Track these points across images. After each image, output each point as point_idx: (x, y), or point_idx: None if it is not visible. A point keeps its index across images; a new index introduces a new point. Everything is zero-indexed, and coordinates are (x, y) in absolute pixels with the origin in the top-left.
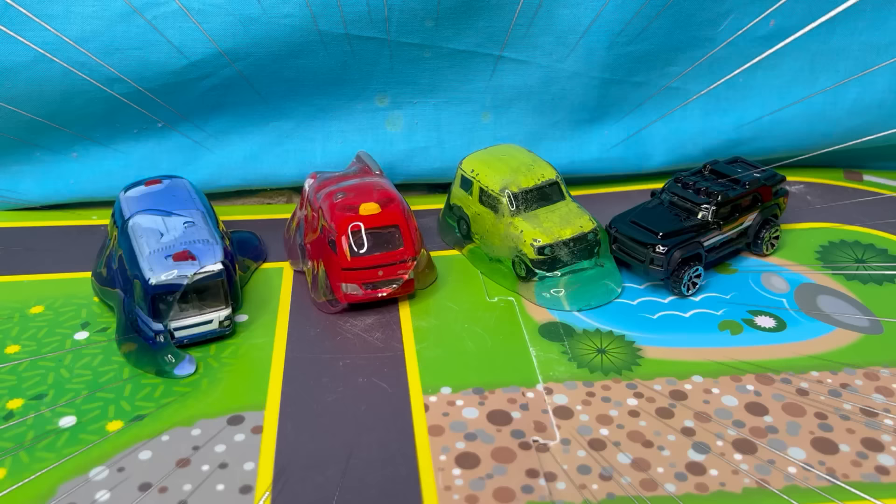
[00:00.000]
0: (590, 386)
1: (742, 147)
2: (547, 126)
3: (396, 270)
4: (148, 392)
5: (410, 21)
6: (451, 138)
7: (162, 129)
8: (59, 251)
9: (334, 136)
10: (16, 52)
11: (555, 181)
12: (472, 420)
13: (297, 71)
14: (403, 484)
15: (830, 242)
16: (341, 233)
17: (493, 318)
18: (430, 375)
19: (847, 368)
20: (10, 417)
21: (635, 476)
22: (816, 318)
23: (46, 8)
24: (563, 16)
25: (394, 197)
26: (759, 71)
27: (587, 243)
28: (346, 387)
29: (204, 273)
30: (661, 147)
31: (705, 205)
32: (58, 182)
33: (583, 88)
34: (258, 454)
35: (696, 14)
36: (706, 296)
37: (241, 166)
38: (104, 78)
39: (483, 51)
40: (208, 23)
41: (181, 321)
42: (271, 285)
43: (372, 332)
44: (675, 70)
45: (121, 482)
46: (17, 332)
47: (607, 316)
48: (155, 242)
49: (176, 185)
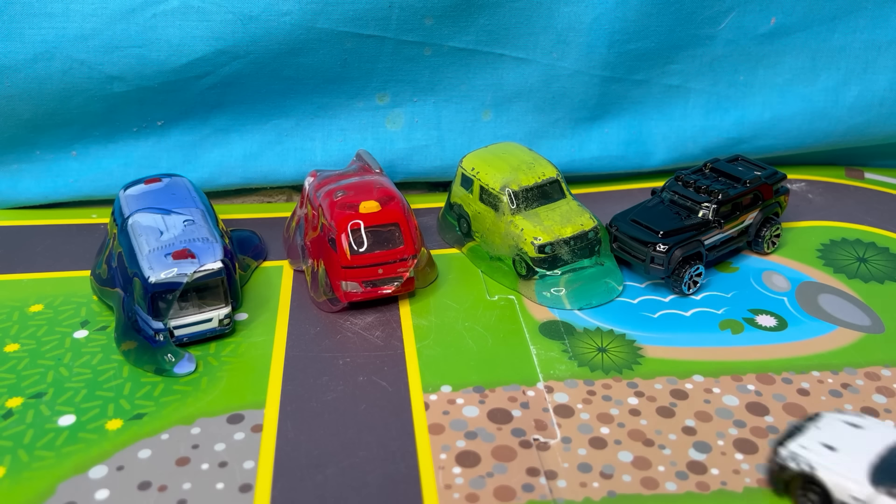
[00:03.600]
0: (590, 385)
1: (743, 145)
2: (547, 124)
3: (396, 269)
4: (147, 390)
5: (410, 19)
6: (452, 136)
7: (162, 127)
8: (58, 249)
9: (334, 134)
10: (15, 50)
11: (555, 179)
12: (472, 418)
13: (296, 69)
14: (403, 482)
15: (832, 241)
16: (341, 231)
17: (493, 317)
18: (430, 374)
19: (848, 368)
20: (10, 416)
21: (636, 474)
22: (818, 317)
23: (46, 6)
24: (563, 13)
25: (394, 195)
26: (760, 69)
27: (588, 242)
28: (346, 385)
29: (204, 271)
30: (661, 145)
31: (706, 203)
32: (57, 180)
33: (583, 86)
34: (258, 453)
35: (697, 12)
36: (707, 294)
37: (240, 165)
38: (104, 76)
39: (483, 49)
40: (208, 21)
41: (181, 319)
42: (271, 284)
43: (372, 330)
44: (676, 68)
45: (120, 481)
46: (17, 330)
47: (608, 315)
48: (155, 241)
49: (176, 183)
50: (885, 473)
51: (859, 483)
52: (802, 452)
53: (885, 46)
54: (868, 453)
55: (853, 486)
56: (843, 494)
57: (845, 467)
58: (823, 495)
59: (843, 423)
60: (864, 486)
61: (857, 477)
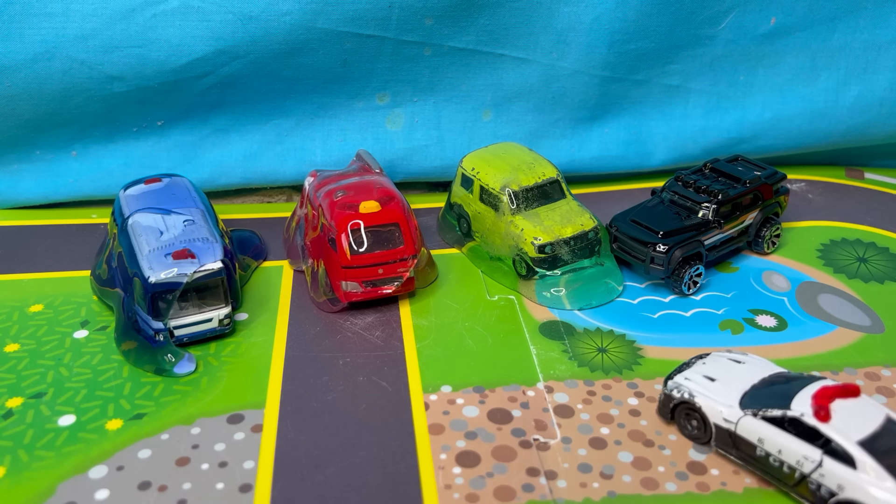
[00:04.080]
0: (590, 385)
1: (743, 145)
2: (547, 124)
3: (396, 269)
4: (147, 390)
5: (410, 19)
6: (452, 136)
7: (162, 127)
8: (58, 250)
9: (334, 134)
10: (15, 50)
11: (555, 179)
12: (472, 418)
13: (296, 69)
14: (403, 483)
15: (832, 241)
16: (341, 231)
17: (493, 317)
18: (430, 374)
19: (848, 368)
20: (10, 416)
21: (636, 475)
22: (818, 318)
23: (46, 6)
24: (563, 13)
25: (394, 195)
26: (760, 69)
27: (588, 242)
28: (346, 385)
29: (204, 271)
30: (661, 145)
31: (706, 203)
32: (57, 180)
33: (583, 86)
34: (258, 453)
35: (697, 12)
36: (707, 295)
37: (240, 165)
38: (104, 76)
39: (483, 49)
40: (208, 21)
41: (181, 319)
42: (271, 284)
43: (372, 330)
44: (676, 68)
45: (120, 481)
46: (17, 330)
47: (608, 315)
48: (154, 241)
49: (176, 183)
50: (752, 399)
51: (730, 407)
52: (685, 383)
53: (885, 46)
54: (742, 383)
55: (725, 409)
56: (717, 417)
57: (720, 395)
58: (702, 420)
59: (726, 360)
60: (734, 410)
61: (729, 402)
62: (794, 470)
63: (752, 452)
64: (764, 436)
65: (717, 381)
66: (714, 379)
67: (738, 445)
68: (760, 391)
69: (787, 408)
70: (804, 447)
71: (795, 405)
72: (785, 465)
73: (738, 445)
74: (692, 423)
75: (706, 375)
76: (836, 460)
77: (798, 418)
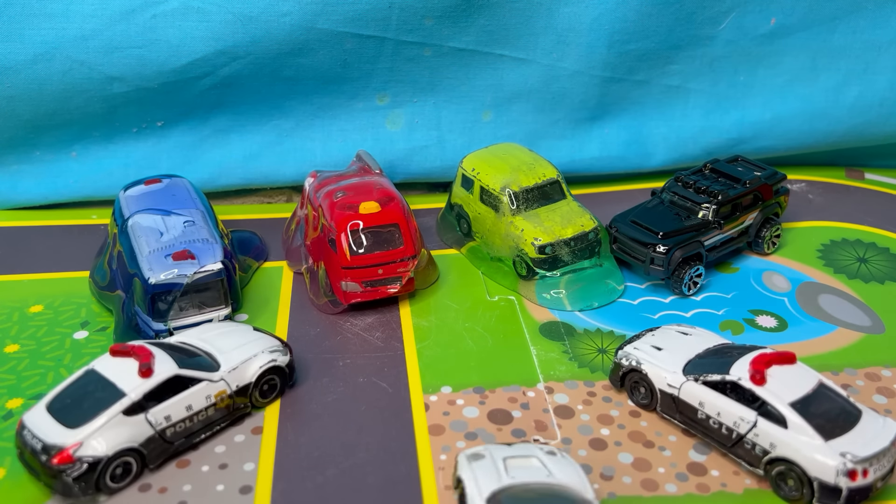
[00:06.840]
0: (591, 386)
1: (743, 146)
2: (547, 125)
3: (396, 269)
4: None
5: (410, 19)
6: (452, 137)
7: (162, 127)
8: (58, 250)
9: (334, 134)
10: (15, 50)
11: (556, 180)
12: (472, 419)
13: (296, 69)
14: (403, 483)
15: (832, 241)
16: (341, 231)
17: (493, 318)
18: (430, 375)
19: (848, 369)
20: (10, 417)
21: (636, 476)
22: (818, 318)
23: (46, 6)
24: (563, 14)
25: (394, 196)
26: (760, 69)
27: (588, 242)
28: (346, 386)
29: (204, 272)
30: (661, 146)
31: (706, 204)
32: (57, 181)
33: (583, 87)
34: (258, 454)
35: (697, 12)
36: (707, 295)
37: (240, 165)
38: (104, 77)
39: (483, 49)
40: (208, 21)
41: (181, 321)
42: (271, 285)
43: (372, 331)
44: (676, 68)
45: None
46: (17, 331)
47: (608, 316)
48: (154, 242)
49: (176, 184)
50: (695, 366)
51: (674, 373)
52: (634, 352)
53: (885, 46)
54: (687, 353)
55: (669, 375)
56: (661, 383)
57: (665, 362)
58: (650, 388)
59: (674, 332)
60: (678, 376)
61: (673, 369)
62: (732, 431)
63: (694, 416)
64: (704, 399)
65: (663, 350)
66: (661, 349)
67: (681, 409)
68: (704, 359)
69: (727, 373)
70: (741, 409)
71: (734, 370)
72: (723, 427)
73: (681, 409)
74: (640, 390)
75: (654, 345)
76: (770, 421)
77: (736, 382)
